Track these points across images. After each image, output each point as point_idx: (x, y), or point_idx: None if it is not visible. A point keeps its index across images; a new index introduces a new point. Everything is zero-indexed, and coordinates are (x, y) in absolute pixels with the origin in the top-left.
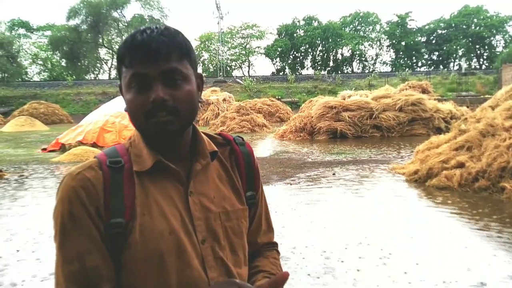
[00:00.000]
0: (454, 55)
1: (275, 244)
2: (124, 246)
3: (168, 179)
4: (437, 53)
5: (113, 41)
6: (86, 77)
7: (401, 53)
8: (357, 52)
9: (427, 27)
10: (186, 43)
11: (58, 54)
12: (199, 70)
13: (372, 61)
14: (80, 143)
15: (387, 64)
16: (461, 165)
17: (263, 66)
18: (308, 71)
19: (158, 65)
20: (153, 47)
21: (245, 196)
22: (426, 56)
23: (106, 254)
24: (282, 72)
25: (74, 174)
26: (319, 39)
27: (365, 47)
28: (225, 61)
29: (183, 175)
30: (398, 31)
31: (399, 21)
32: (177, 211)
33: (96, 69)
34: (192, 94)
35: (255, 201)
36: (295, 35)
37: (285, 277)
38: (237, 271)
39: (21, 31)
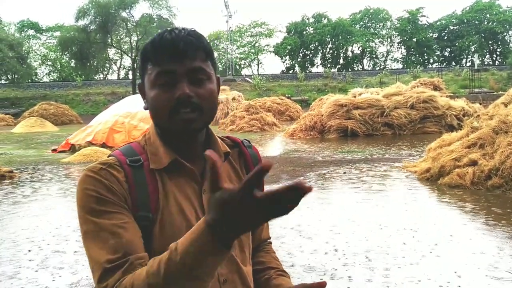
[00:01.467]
0: (467, 51)
1: (270, 238)
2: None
3: (183, 177)
4: (449, 49)
5: (122, 41)
6: (95, 77)
7: (412, 49)
8: (368, 49)
9: (438, 23)
10: (210, 46)
11: (67, 54)
12: None
13: (383, 58)
14: (90, 143)
15: (398, 61)
16: (473, 163)
17: (273, 65)
18: (318, 69)
19: (185, 63)
20: (181, 46)
21: None
22: (437, 53)
23: (139, 232)
24: (292, 70)
25: (97, 169)
26: (329, 36)
27: (375, 44)
28: (234, 59)
29: (197, 174)
30: (409, 27)
31: (410, 17)
32: (193, 208)
33: (105, 69)
34: (214, 93)
35: None
36: (304, 32)
37: (322, 286)
38: (244, 268)
39: (31, 32)
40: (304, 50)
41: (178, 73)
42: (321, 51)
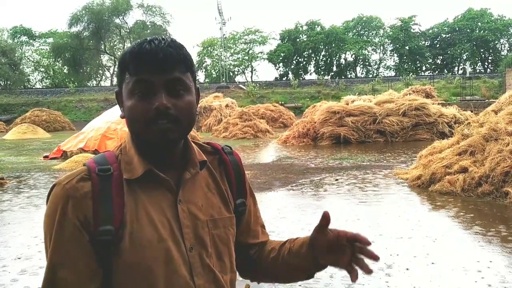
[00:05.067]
0: (458, 59)
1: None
2: (114, 254)
3: (157, 188)
4: (441, 57)
5: (115, 47)
6: (88, 84)
7: (404, 57)
8: (361, 57)
9: (430, 31)
10: (190, 57)
11: (60, 61)
12: (202, 75)
13: (376, 66)
14: (82, 150)
15: (390, 69)
16: (464, 170)
17: (266, 72)
18: (311, 76)
19: (164, 74)
20: (160, 56)
21: (235, 204)
22: (430, 60)
23: (82, 268)
24: (285, 77)
25: (63, 183)
26: (322, 44)
27: (368, 52)
28: (228, 66)
29: (172, 184)
30: (401, 35)
31: (403, 25)
32: (166, 219)
33: (98, 75)
34: (192, 105)
35: (245, 208)
36: (298, 40)
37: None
38: (223, 277)
39: (24, 38)
40: (298, 58)
41: (156, 84)
42: (314, 58)
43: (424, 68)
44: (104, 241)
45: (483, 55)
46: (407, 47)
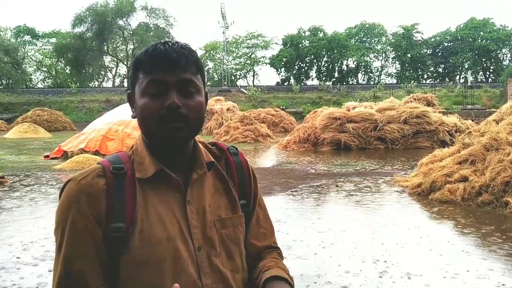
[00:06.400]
0: (460, 68)
1: (277, 248)
2: (123, 251)
3: (167, 188)
4: (443, 65)
5: (118, 49)
6: (90, 84)
7: (406, 65)
8: (363, 64)
9: (433, 39)
10: (201, 60)
11: (63, 61)
12: None
13: (378, 73)
14: (83, 150)
15: (392, 76)
16: (464, 179)
17: (268, 76)
18: (313, 81)
19: (177, 73)
20: (174, 57)
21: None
22: (431, 69)
23: (96, 261)
24: (287, 82)
25: (78, 179)
26: (324, 50)
27: (370, 59)
28: (230, 70)
29: (181, 184)
30: (404, 43)
31: (405, 33)
32: (175, 218)
33: (100, 76)
34: (202, 105)
35: (248, 210)
36: (300, 45)
37: None
38: (234, 276)
39: (27, 37)
40: (300, 63)
41: (169, 83)
42: (316, 64)
43: (425, 76)
44: (114, 238)
45: (484, 65)
46: (409, 55)
